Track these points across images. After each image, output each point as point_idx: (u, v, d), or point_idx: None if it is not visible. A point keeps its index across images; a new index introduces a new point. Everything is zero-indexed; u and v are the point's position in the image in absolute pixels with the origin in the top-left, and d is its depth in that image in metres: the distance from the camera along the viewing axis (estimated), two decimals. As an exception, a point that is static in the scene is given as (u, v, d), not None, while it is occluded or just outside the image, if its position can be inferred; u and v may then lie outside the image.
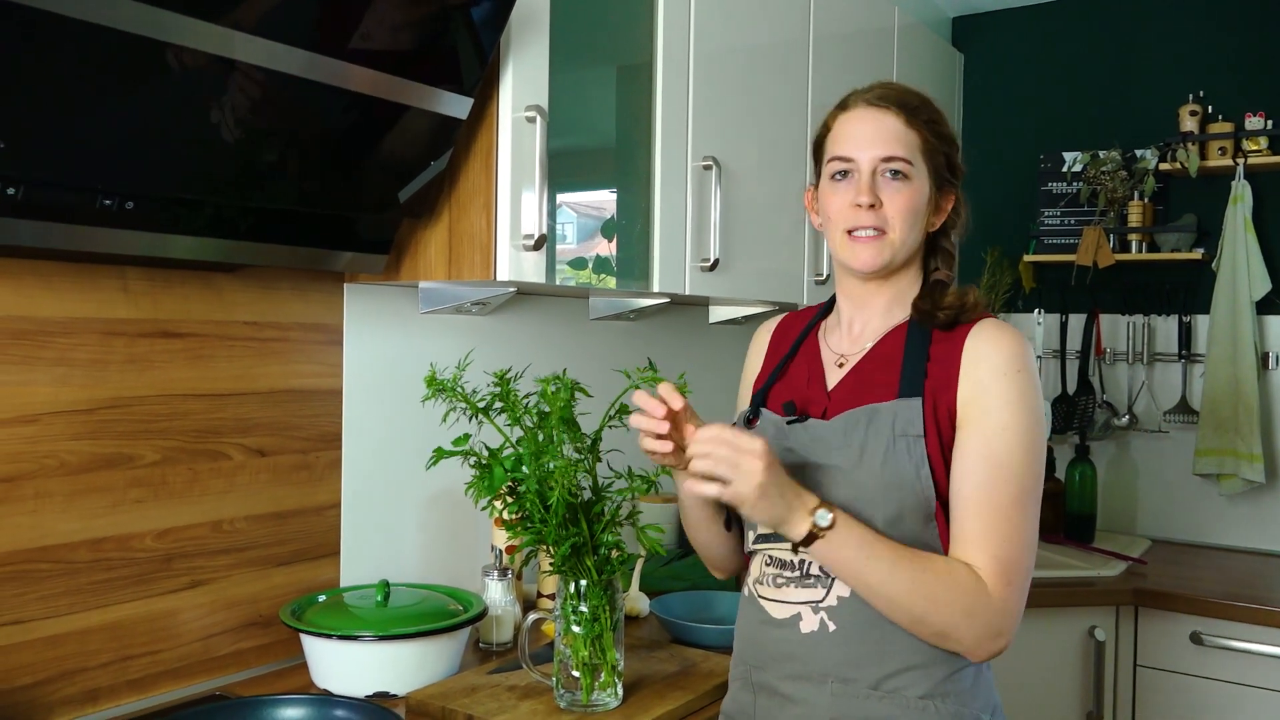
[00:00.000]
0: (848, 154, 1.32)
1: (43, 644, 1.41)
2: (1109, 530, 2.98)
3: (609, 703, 1.45)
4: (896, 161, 1.29)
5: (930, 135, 1.32)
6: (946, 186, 1.35)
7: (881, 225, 1.30)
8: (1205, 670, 2.33)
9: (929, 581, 1.20)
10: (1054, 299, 3.06)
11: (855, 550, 1.19)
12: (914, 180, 1.30)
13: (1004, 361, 1.25)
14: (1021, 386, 1.24)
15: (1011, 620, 1.22)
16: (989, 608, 1.20)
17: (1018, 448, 1.23)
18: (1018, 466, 1.23)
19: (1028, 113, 3.19)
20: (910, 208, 1.30)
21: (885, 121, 1.31)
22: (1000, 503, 1.22)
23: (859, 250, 1.31)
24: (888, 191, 1.30)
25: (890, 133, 1.30)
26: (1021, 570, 1.22)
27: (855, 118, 1.33)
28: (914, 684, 1.25)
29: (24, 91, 1.09)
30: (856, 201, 1.30)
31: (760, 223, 2.20)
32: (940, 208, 1.36)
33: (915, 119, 1.31)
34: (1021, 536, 1.23)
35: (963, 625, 1.20)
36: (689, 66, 1.97)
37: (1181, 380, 2.91)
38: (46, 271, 1.40)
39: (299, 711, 1.39)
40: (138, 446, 1.51)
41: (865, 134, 1.31)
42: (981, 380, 1.25)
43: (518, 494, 1.44)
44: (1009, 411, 1.23)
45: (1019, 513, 1.23)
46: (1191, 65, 2.92)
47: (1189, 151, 2.79)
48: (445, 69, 1.47)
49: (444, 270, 1.67)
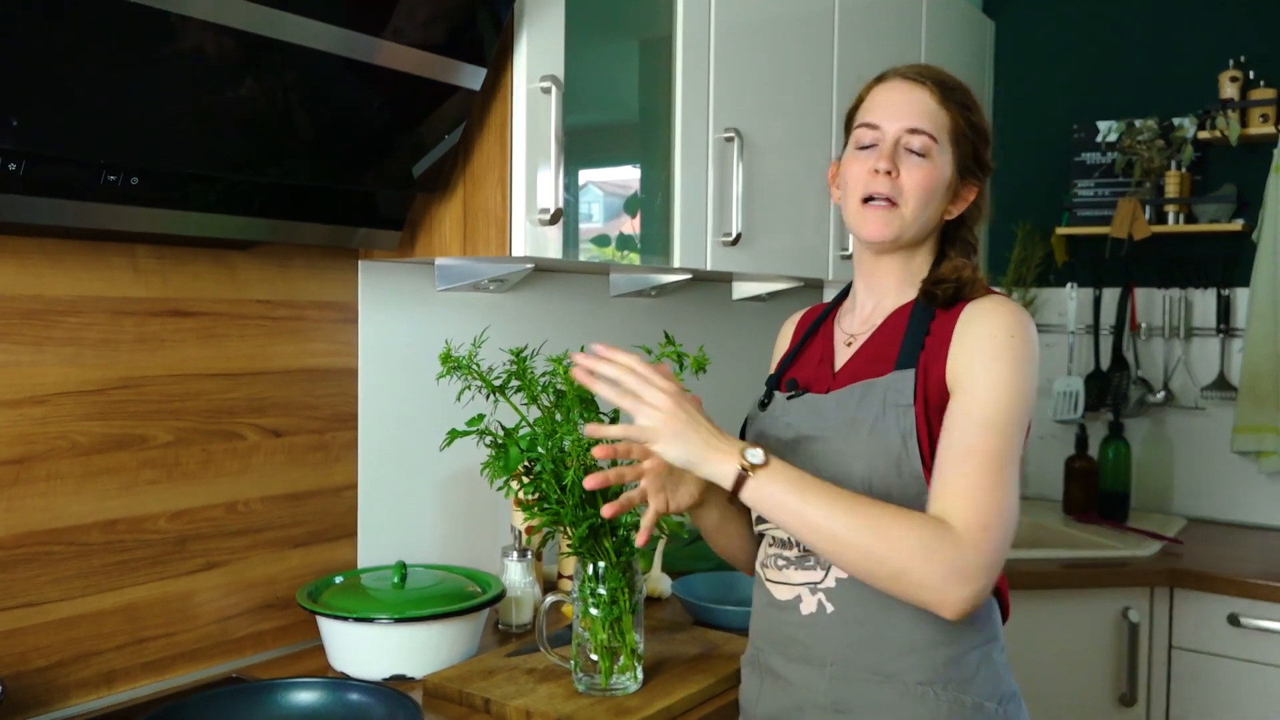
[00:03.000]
0: (875, 120, 1.30)
1: (57, 626, 1.40)
2: (1143, 509, 2.92)
3: (628, 686, 1.43)
4: (921, 136, 1.27)
5: (962, 119, 1.30)
6: (970, 177, 1.33)
7: (895, 196, 1.28)
8: (1243, 652, 2.27)
9: (876, 515, 1.12)
10: (1087, 273, 2.99)
11: (791, 488, 1.13)
12: (935, 160, 1.28)
13: (994, 327, 1.22)
14: (1013, 349, 1.20)
15: (984, 565, 1.12)
16: (954, 546, 1.11)
17: (1004, 401, 1.18)
18: (1001, 419, 1.17)
19: (1061, 81, 3.10)
20: (927, 185, 1.28)
21: (918, 95, 1.29)
22: (982, 457, 1.15)
23: (869, 218, 1.29)
24: (907, 165, 1.28)
25: (921, 107, 1.29)
26: (1000, 518, 1.14)
27: (889, 88, 1.32)
28: (913, 669, 1.22)
29: (33, 65, 1.08)
30: (875, 167, 1.28)
31: (784, 196, 2.15)
32: (960, 196, 1.33)
33: (949, 99, 1.30)
34: (1001, 490, 1.15)
35: (920, 565, 1.10)
36: (710, 38, 1.92)
37: (1219, 355, 2.84)
38: (54, 250, 1.38)
39: (315, 695, 1.37)
40: (150, 427, 1.49)
41: (896, 104, 1.30)
42: (971, 346, 1.22)
43: (534, 474, 1.41)
44: (998, 368, 1.19)
45: (997, 464, 1.15)
46: (1232, 29, 2.83)
47: (1229, 119, 2.70)
48: (458, 39, 1.44)
49: (459, 246, 1.64)
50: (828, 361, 1.37)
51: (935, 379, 1.23)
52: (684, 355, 1.41)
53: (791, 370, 1.41)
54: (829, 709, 1.25)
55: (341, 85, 1.35)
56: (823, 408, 1.29)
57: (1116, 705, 2.36)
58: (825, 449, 1.26)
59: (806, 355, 1.41)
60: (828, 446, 1.26)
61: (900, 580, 1.12)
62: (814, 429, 1.28)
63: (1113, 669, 2.36)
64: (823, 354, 1.38)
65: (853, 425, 1.25)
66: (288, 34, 1.24)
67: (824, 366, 1.36)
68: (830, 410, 1.28)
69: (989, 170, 1.35)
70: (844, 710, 1.24)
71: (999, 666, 1.26)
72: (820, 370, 1.36)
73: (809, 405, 1.31)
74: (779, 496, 1.13)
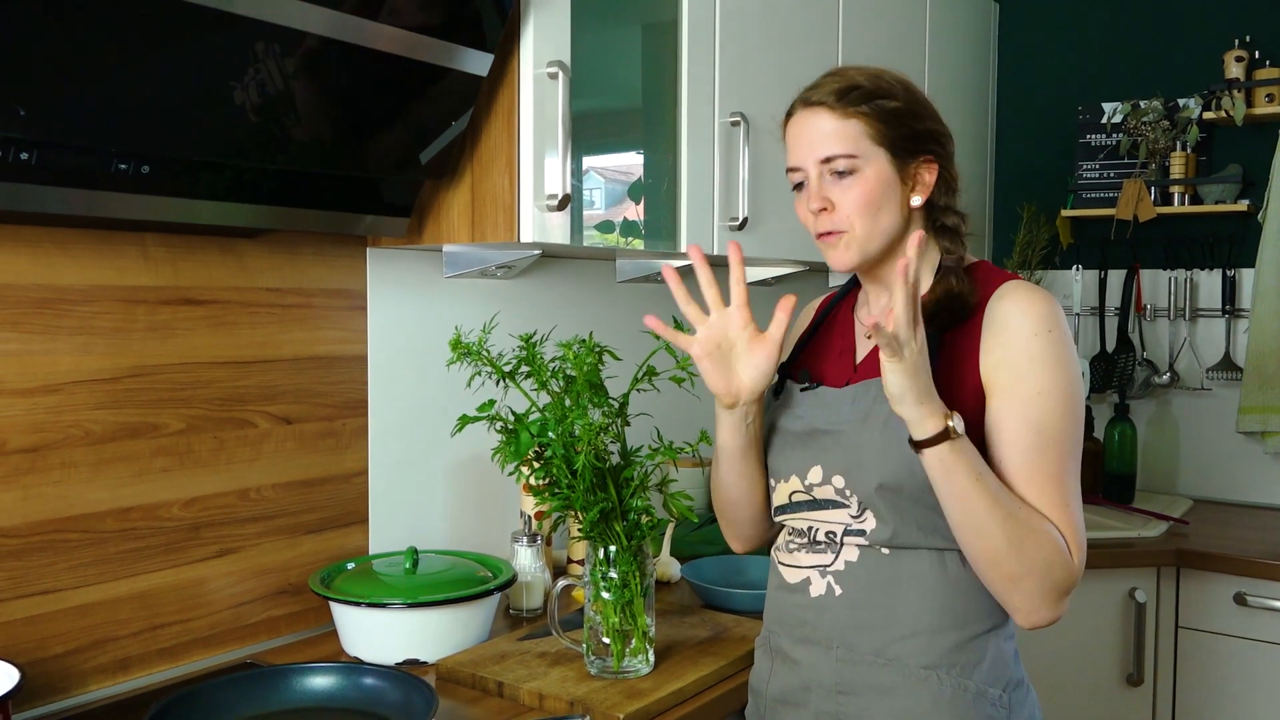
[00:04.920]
0: (793, 163, 1.28)
1: (73, 613, 1.41)
2: (1149, 490, 2.93)
3: (640, 669, 1.44)
4: (837, 160, 1.24)
5: (873, 116, 1.24)
6: (917, 157, 1.27)
7: (840, 227, 1.25)
8: (1249, 631, 2.28)
9: (1022, 525, 1.15)
10: (1093, 255, 2.99)
11: (969, 469, 1.14)
12: (864, 171, 1.24)
13: (1032, 323, 1.20)
14: (1054, 347, 1.20)
15: (1075, 586, 1.20)
16: (1066, 567, 1.18)
17: (1058, 411, 1.19)
18: (1059, 430, 1.19)
19: (1065, 63, 3.09)
20: (864, 201, 1.24)
21: (817, 121, 1.25)
22: (1050, 470, 1.19)
23: (829, 253, 1.28)
24: (836, 191, 1.25)
25: (823, 132, 1.25)
26: (1081, 535, 1.20)
27: (794, 124, 1.29)
28: (917, 652, 1.23)
29: (40, 54, 1.08)
30: (809, 208, 1.26)
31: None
32: (920, 181, 1.27)
33: (850, 107, 1.24)
34: (1074, 501, 1.21)
35: (1037, 575, 1.16)
36: (715, 22, 1.92)
37: (1225, 336, 2.84)
38: (65, 239, 1.39)
39: (329, 679, 1.38)
40: (162, 415, 1.50)
41: (803, 139, 1.27)
42: (1010, 344, 1.20)
43: (544, 459, 1.42)
44: (1044, 374, 1.19)
45: (1070, 478, 1.20)
46: (1237, 8, 2.82)
47: (1234, 99, 2.69)
48: (465, 25, 1.44)
49: (467, 232, 1.64)
50: (849, 354, 1.35)
51: (964, 378, 1.22)
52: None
53: (804, 359, 1.39)
54: (834, 690, 1.26)
55: (347, 71, 1.35)
56: (837, 402, 1.28)
57: (1124, 685, 2.37)
58: (838, 443, 1.26)
59: (823, 344, 1.39)
60: (841, 441, 1.26)
61: (1011, 583, 1.17)
62: (827, 423, 1.28)
63: (1120, 649, 2.37)
64: (843, 346, 1.36)
65: (866, 420, 1.24)
66: (293, 21, 1.23)
67: (845, 359, 1.35)
68: (845, 405, 1.27)
69: (941, 138, 1.29)
70: (848, 691, 1.25)
71: (1006, 654, 1.26)
72: (841, 362, 1.35)
73: (822, 399, 1.30)
74: (959, 469, 1.14)
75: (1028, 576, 1.16)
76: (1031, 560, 1.16)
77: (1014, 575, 1.17)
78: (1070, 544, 1.19)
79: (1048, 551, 1.16)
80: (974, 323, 1.24)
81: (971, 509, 1.15)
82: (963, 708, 1.22)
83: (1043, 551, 1.16)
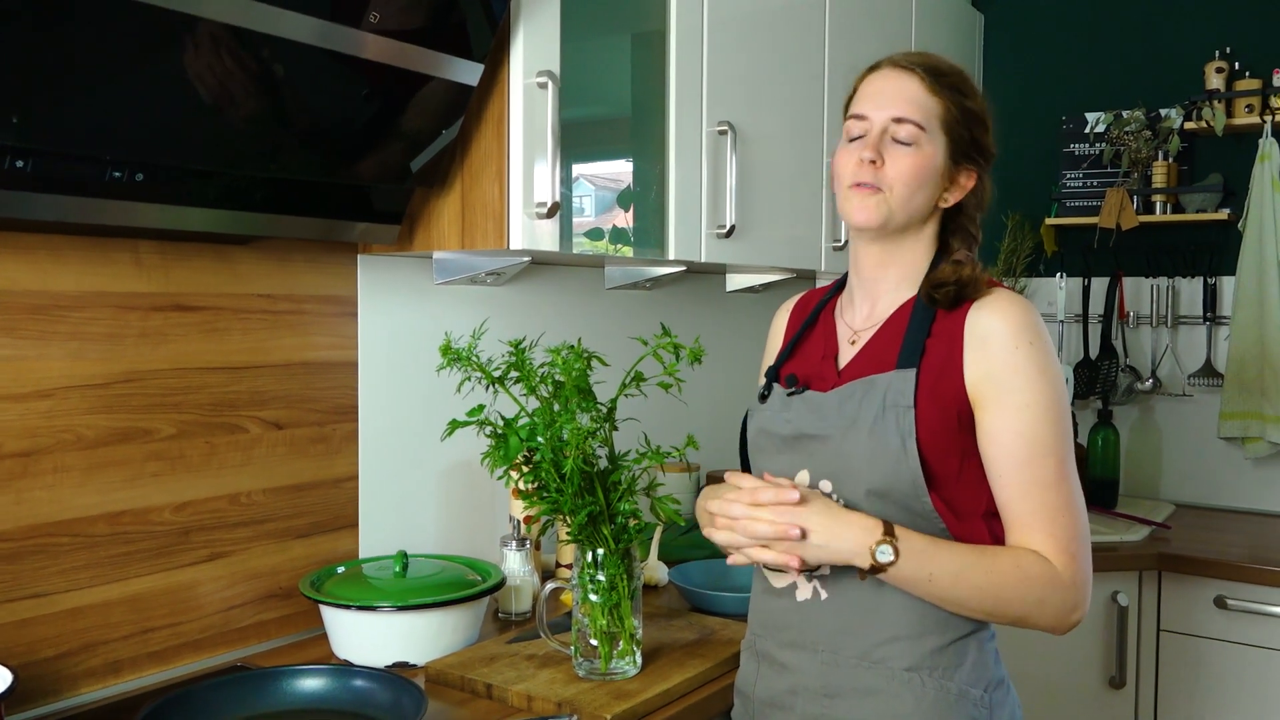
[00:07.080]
0: (862, 111, 1.30)
1: (64, 616, 1.42)
2: (1132, 495, 2.95)
3: (627, 670, 1.45)
4: (907, 125, 1.26)
5: (954, 106, 1.29)
6: (967, 163, 1.31)
7: (879, 184, 1.27)
8: (1230, 634, 2.31)
9: (995, 583, 1.20)
10: (1076, 262, 3.02)
11: (918, 570, 1.19)
12: (924, 147, 1.27)
13: (1013, 334, 1.23)
14: (1036, 357, 1.23)
15: (1083, 592, 1.22)
16: (1060, 589, 1.20)
17: (1046, 420, 1.22)
18: (1049, 438, 1.22)
19: (1049, 73, 3.13)
20: (913, 173, 1.27)
21: (906, 83, 1.28)
22: (1044, 479, 1.21)
23: (855, 204, 1.29)
24: (894, 153, 1.27)
25: (907, 94, 1.28)
26: (1080, 540, 1.22)
27: (878, 77, 1.31)
28: (900, 655, 1.25)
29: (34, 63, 1.09)
30: (860, 156, 1.28)
31: (777, 188, 2.17)
32: (958, 184, 1.32)
33: (940, 85, 1.28)
34: (1073, 507, 1.23)
35: (1035, 613, 1.21)
36: (703, 32, 1.94)
37: (1206, 343, 2.87)
38: (58, 245, 1.40)
39: (319, 682, 1.39)
40: (154, 420, 1.51)
41: (883, 93, 1.29)
42: (992, 358, 1.23)
43: (533, 463, 1.44)
44: (1029, 386, 1.22)
45: (1065, 484, 1.23)
46: (1217, 20, 2.86)
47: (1215, 109, 2.73)
48: (455, 35, 1.45)
49: (457, 240, 1.65)
50: (831, 357, 1.36)
51: (947, 387, 1.24)
52: (680, 346, 1.43)
53: (791, 363, 1.40)
54: (820, 693, 1.28)
55: (339, 81, 1.36)
56: (824, 406, 1.29)
57: (1106, 687, 2.40)
58: (826, 448, 1.27)
59: (807, 348, 1.40)
60: (829, 445, 1.27)
61: (1020, 623, 1.24)
62: (815, 428, 1.29)
63: (1102, 652, 2.39)
64: (826, 349, 1.38)
65: (854, 424, 1.25)
66: (285, 31, 1.24)
67: (828, 362, 1.36)
68: (832, 409, 1.28)
69: (990, 156, 1.33)
70: (834, 694, 1.27)
71: (988, 655, 1.28)
72: (824, 366, 1.36)
73: (810, 403, 1.31)
74: (907, 583, 1.21)
75: (1027, 616, 1.22)
76: (1021, 603, 1.20)
77: (1014, 618, 1.22)
78: (1060, 555, 1.21)
79: (1035, 590, 1.20)
80: (955, 330, 1.26)
81: (941, 598, 1.21)
82: (945, 708, 1.24)
83: (1031, 592, 1.20)
